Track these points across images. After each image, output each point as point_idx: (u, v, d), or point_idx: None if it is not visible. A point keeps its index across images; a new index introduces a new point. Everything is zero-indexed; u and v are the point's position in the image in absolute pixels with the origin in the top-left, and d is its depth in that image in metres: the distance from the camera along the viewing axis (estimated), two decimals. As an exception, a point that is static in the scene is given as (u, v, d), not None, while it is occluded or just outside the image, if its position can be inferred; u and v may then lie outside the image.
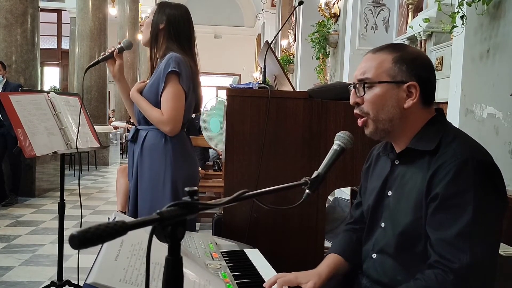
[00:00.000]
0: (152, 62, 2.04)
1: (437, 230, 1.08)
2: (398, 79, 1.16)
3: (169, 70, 1.89)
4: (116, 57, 2.03)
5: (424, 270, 1.08)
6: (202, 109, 4.33)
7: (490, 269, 1.06)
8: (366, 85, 1.18)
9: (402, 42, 4.86)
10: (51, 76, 15.78)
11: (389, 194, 1.24)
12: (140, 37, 2.51)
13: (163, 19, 1.99)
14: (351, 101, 1.22)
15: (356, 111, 1.22)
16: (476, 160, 1.07)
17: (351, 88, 1.22)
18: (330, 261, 1.34)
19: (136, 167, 2.01)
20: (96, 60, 2.04)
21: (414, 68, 1.16)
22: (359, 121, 1.22)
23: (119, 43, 2.07)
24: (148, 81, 2.06)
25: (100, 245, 0.76)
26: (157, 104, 1.95)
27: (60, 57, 15.66)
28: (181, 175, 1.97)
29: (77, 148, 2.31)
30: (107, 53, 2.04)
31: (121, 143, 11.32)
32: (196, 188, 0.71)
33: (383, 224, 1.25)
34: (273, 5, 14.89)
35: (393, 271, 1.20)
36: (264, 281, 1.28)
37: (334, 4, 6.62)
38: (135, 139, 2.03)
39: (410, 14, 5.07)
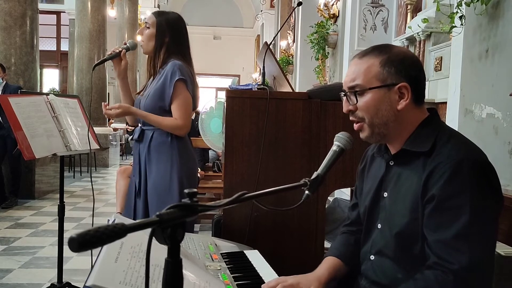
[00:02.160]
0: (155, 69, 2.14)
1: (435, 232, 1.08)
2: (388, 82, 1.15)
3: (177, 78, 2.03)
4: (123, 56, 2.15)
5: (423, 271, 1.08)
6: (201, 110, 4.36)
7: (488, 269, 1.07)
8: (357, 93, 1.17)
9: (402, 42, 4.86)
10: (50, 78, 15.76)
11: (385, 195, 1.24)
12: (139, 38, 2.53)
13: (167, 32, 2.10)
14: (344, 109, 1.22)
15: (351, 117, 1.22)
16: (471, 160, 1.07)
17: (343, 96, 1.22)
18: (329, 264, 1.33)
19: (144, 165, 2.12)
20: (103, 58, 2.15)
21: (402, 69, 1.15)
22: (355, 126, 1.22)
23: (124, 44, 2.17)
24: (144, 90, 2.18)
25: (99, 247, 0.76)
26: (160, 108, 2.08)
27: (59, 59, 15.65)
28: (185, 171, 2.11)
29: (90, 147, 2.33)
30: (113, 53, 2.14)
31: (121, 144, 11.31)
32: (195, 190, 0.71)
33: (379, 225, 1.24)
34: (272, 6, 14.89)
35: (392, 272, 1.19)
36: (264, 283, 1.28)
37: (333, 4, 6.62)
38: (141, 139, 2.14)
39: (409, 14, 5.07)
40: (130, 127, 11.45)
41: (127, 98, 2.26)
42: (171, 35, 2.11)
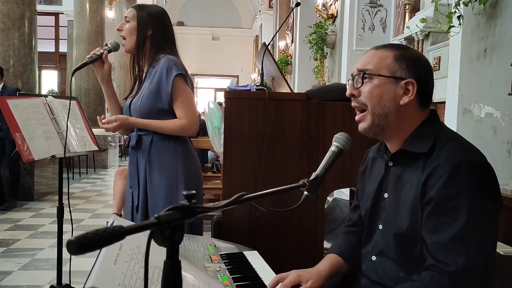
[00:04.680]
0: (140, 67, 1.98)
1: (433, 234, 1.08)
2: (397, 75, 1.16)
3: (175, 73, 1.88)
4: (105, 59, 1.98)
5: (420, 272, 1.09)
6: (203, 110, 4.35)
7: (487, 271, 1.06)
8: (365, 76, 1.18)
9: (400, 42, 4.87)
10: (49, 80, 15.75)
11: (385, 196, 1.24)
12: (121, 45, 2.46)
13: (149, 25, 1.95)
14: (348, 92, 1.22)
15: (353, 103, 1.22)
16: (470, 162, 1.07)
17: (349, 80, 1.23)
18: (330, 260, 1.34)
19: (144, 175, 1.96)
20: (83, 62, 1.98)
21: (414, 67, 1.17)
22: (357, 116, 1.22)
23: (106, 45, 2.01)
24: (133, 93, 2.01)
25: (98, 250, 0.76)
26: (159, 110, 1.92)
27: (58, 60, 15.63)
28: (192, 176, 1.97)
29: (64, 152, 2.30)
30: (94, 56, 1.97)
31: (120, 145, 11.31)
32: (194, 191, 0.71)
33: (381, 226, 1.25)
34: (270, 6, 14.91)
35: (394, 272, 1.20)
36: (264, 284, 1.28)
37: (331, 5, 6.63)
38: (139, 146, 1.97)
39: (407, 14, 5.08)
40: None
41: (113, 104, 2.08)
42: (154, 27, 1.94)
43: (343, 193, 4.47)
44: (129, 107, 1.99)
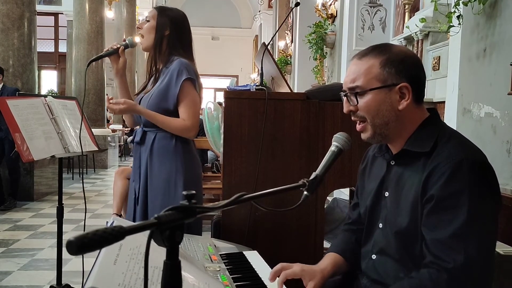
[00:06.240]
0: (157, 67, 2.05)
1: (432, 231, 1.08)
2: (388, 82, 1.15)
3: (185, 77, 1.94)
4: (121, 53, 2.05)
5: (419, 269, 1.09)
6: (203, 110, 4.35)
7: (485, 269, 1.06)
8: (357, 94, 1.17)
9: (400, 42, 4.87)
10: (48, 80, 15.74)
11: (386, 195, 1.24)
12: (137, 39, 2.44)
13: (167, 25, 2.01)
14: (345, 110, 1.22)
15: (353, 118, 1.22)
16: (471, 161, 1.08)
17: (343, 96, 1.22)
18: (331, 259, 1.34)
19: (145, 169, 2.02)
20: (100, 54, 2.05)
21: (403, 69, 1.15)
22: (358, 127, 1.22)
23: (124, 40, 2.08)
24: (144, 90, 2.08)
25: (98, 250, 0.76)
26: (164, 110, 1.97)
27: (57, 60, 15.62)
28: (191, 175, 2.01)
29: (81, 151, 2.30)
30: (110, 49, 2.05)
31: (120, 146, 11.30)
32: (193, 191, 0.71)
33: (381, 225, 1.25)
34: (270, 6, 14.91)
35: (394, 271, 1.20)
36: (264, 283, 1.28)
37: (330, 5, 6.63)
38: (143, 141, 2.04)
39: (406, 14, 5.08)
40: (126, 128, 11.41)
41: (125, 97, 2.13)
42: (172, 28, 2.02)
43: (343, 193, 4.47)
44: (139, 103, 2.05)
